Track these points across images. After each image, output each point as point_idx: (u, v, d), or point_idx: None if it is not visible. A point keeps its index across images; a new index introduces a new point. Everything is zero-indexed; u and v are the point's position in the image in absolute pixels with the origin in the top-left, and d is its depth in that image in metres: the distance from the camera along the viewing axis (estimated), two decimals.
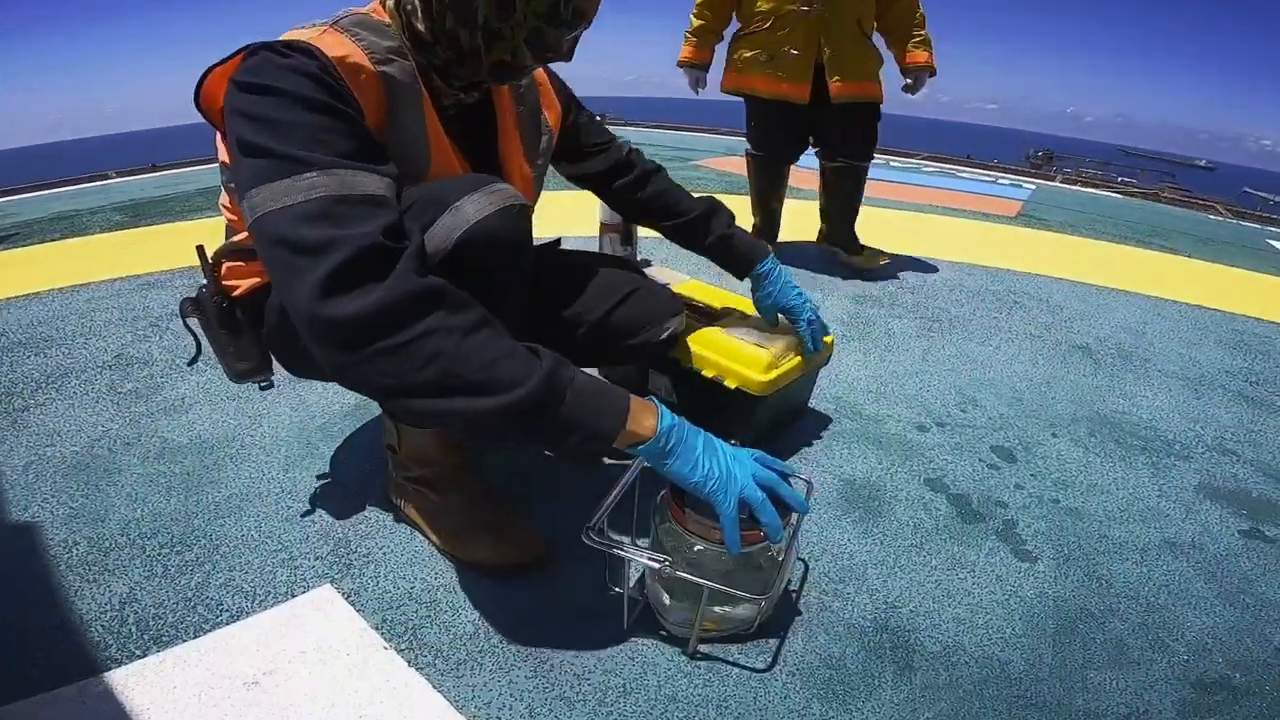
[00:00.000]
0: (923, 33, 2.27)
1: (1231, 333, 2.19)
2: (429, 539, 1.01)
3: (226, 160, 0.84)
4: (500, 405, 0.66)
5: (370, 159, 0.73)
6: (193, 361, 1.02)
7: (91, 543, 1.01)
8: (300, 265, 0.65)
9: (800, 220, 2.76)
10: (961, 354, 1.81)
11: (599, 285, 1.13)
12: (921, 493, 1.20)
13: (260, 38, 0.78)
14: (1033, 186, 5.29)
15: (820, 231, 2.59)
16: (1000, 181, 5.48)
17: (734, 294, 1.41)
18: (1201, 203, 6.59)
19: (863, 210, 2.49)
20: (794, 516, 0.85)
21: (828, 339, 1.26)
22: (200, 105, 0.78)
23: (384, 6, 0.87)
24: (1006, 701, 0.81)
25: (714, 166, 4.61)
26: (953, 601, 0.96)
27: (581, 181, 1.22)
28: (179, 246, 2.44)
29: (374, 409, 1.36)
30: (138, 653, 0.83)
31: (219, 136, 0.83)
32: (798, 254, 2.57)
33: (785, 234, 2.64)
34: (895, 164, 5.73)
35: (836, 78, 2.17)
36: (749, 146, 2.46)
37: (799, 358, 1.21)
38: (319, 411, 1.36)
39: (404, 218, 0.72)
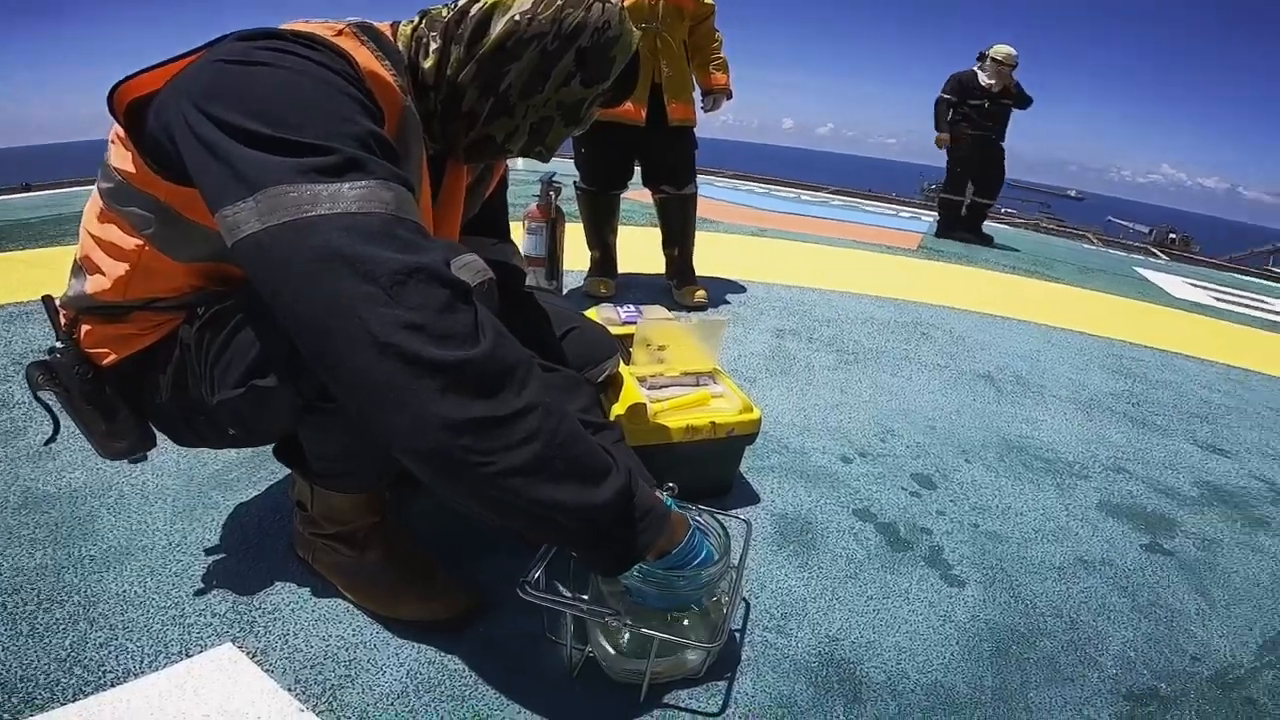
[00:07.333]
0: (720, 56, 2.35)
1: (1112, 357, 2.38)
2: (345, 596, 0.92)
3: (129, 169, 0.66)
4: (589, 502, 0.61)
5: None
6: (50, 441, 0.86)
7: None
8: (369, 293, 0.53)
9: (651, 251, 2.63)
10: (877, 385, 1.87)
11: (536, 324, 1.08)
12: (851, 523, 1.21)
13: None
14: (930, 219, 5.63)
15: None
16: (901, 214, 5.81)
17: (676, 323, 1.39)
18: (1075, 232, 7.30)
19: (782, 243, 2.55)
20: (736, 559, 0.85)
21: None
22: (114, 99, 0.62)
23: (396, 32, 0.78)
24: None
25: (633, 198, 4.63)
26: (892, 630, 0.96)
27: None
28: (48, 276, 2.20)
29: (270, 454, 1.23)
30: (5, 717, 0.72)
31: (117, 131, 0.66)
32: (646, 286, 2.53)
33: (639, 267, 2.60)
34: (806, 197, 5.98)
35: (673, 100, 2.20)
36: (577, 180, 2.38)
37: (680, 424, 1.13)
38: (210, 457, 1.23)
39: None
